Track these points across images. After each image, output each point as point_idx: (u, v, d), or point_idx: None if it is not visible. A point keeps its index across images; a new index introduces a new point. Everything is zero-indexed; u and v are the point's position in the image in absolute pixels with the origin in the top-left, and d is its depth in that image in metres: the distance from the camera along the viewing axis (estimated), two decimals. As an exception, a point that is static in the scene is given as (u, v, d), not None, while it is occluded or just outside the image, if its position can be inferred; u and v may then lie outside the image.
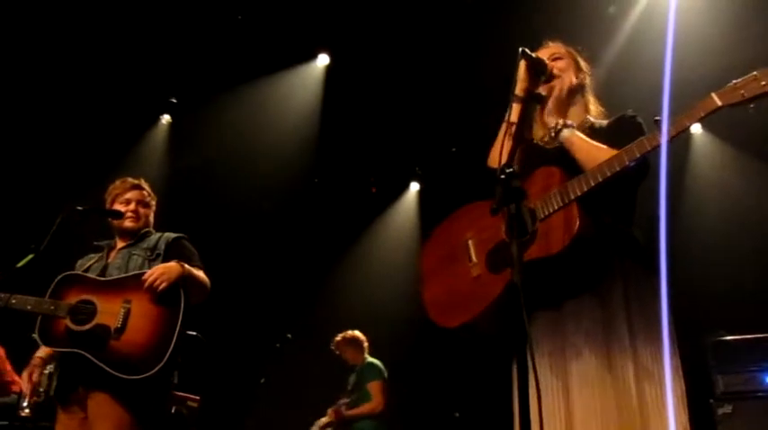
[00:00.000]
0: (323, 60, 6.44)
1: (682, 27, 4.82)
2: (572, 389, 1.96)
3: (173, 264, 2.89)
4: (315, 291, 7.36)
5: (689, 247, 5.57)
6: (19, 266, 2.84)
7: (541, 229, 2.00)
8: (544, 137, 2.23)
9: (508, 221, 1.78)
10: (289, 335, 5.64)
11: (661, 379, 1.93)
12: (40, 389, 3.03)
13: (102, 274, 2.98)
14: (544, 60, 2.16)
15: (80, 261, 3.15)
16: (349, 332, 5.53)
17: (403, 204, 7.96)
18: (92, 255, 3.15)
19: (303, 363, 5.62)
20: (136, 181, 3.24)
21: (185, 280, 2.88)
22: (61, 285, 2.91)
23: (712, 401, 4.49)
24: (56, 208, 3.00)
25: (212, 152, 6.71)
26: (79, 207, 3.01)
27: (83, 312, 2.82)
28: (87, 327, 2.79)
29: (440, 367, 6.97)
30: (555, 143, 2.18)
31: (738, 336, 4.69)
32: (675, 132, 1.87)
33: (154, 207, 3.26)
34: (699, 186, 6.29)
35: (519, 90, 2.13)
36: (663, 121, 1.87)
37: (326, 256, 7.56)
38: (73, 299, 2.85)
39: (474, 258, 2.19)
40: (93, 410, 2.75)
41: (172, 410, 4.29)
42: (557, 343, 2.03)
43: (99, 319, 2.80)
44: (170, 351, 2.73)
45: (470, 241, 2.22)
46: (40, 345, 2.97)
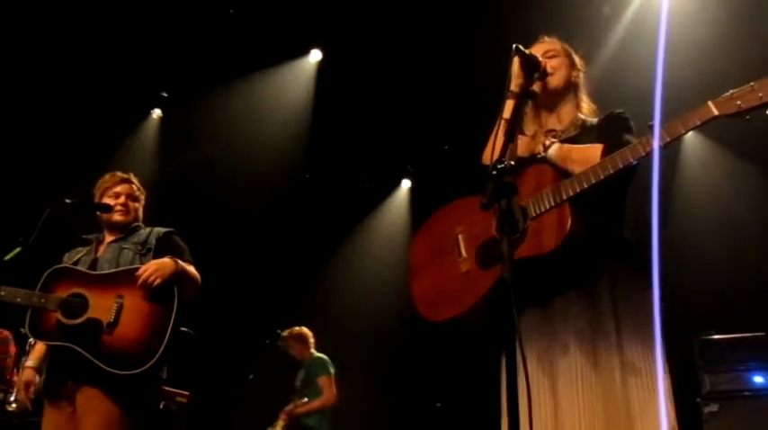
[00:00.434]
0: (315, 56, 6.43)
1: (674, 29, 4.83)
2: (559, 385, 1.97)
3: (166, 260, 2.87)
4: (305, 288, 7.36)
5: (678, 248, 5.60)
6: (6, 259, 2.81)
7: (532, 228, 2.01)
8: (537, 152, 2.21)
9: (499, 218, 1.77)
10: (279, 330, 5.65)
11: (647, 376, 1.94)
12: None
13: (92, 268, 2.96)
14: (538, 57, 2.17)
15: (68, 254, 3.13)
16: (296, 328, 5.66)
17: (394, 201, 7.96)
18: (80, 249, 3.12)
19: (293, 359, 5.63)
20: (125, 175, 3.22)
21: (179, 276, 2.87)
22: (51, 278, 2.88)
23: (699, 400, 4.52)
24: (45, 202, 2.97)
25: (203, 147, 6.68)
26: (68, 200, 2.99)
27: (74, 305, 2.80)
28: (79, 321, 2.77)
29: (427, 361, 6.99)
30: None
31: (725, 336, 4.72)
32: (670, 138, 1.85)
33: (143, 201, 3.24)
34: (689, 187, 6.32)
35: (514, 86, 2.14)
36: (655, 126, 1.86)
37: (317, 253, 7.56)
38: (63, 292, 2.83)
39: (464, 253, 2.19)
40: (82, 404, 2.73)
41: (161, 406, 4.28)
42: (544, 340, 2.03)
43: (91, 313, 2.78)
44: (163, 347, 2.72)
45: (461, 235, 2.22)
46: (32, 348, 2.95)
